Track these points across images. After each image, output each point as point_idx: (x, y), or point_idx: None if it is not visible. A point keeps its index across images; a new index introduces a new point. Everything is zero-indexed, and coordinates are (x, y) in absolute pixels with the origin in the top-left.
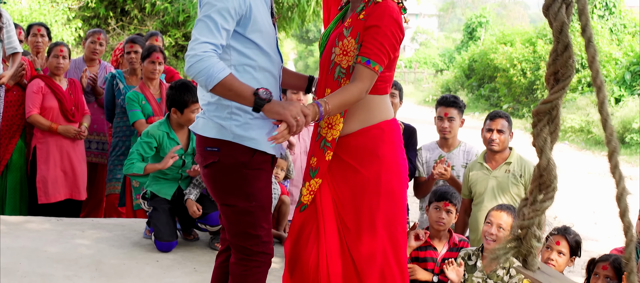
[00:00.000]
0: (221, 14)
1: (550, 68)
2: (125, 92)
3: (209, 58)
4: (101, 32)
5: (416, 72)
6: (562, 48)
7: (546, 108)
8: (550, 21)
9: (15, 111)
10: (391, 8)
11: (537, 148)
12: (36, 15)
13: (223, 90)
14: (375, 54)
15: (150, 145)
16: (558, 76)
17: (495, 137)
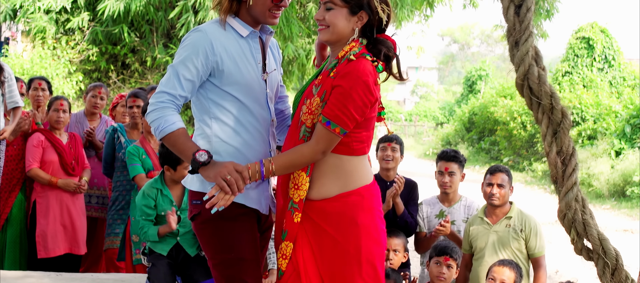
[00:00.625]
0: (184, 64)
1: (552, 147)
2: (126, 146)
3: (162, 109)
4: (102, 86)
5: (416, 125)
6: (558, 117)
7: (572, 196)
8: (533, 94)
9: (15, 165)
10: (362, 69)
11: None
12: (37, 68)
13: (169, 144)
14: (337, 115)
15: (149, 206)
16: (563, 156)
17: (495, 192)
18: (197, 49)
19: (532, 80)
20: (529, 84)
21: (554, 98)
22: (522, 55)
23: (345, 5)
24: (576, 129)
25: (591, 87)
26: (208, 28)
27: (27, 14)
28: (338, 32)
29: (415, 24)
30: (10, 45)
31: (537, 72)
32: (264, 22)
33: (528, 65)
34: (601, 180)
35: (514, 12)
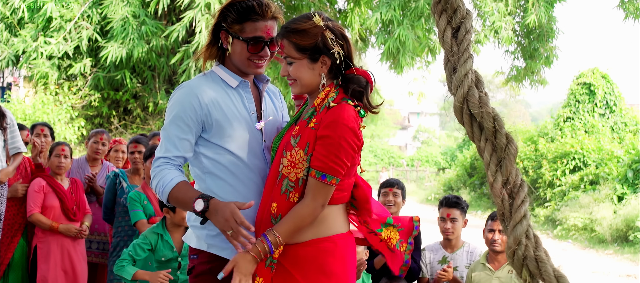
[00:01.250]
0: (174, 123)
1: (497, 178)
2: (128, 192)
3: (159, 173)
4: (104, 132)
5: (418, 171)
6: (502, 141)
7: (521, 231)
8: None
9: (17, 210)
10: (345, 115)
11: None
12: (40, 113)
13: (175, 202)
14: (330, 167)
15: (144, 248)
16: (510, 187)
17: (497, 238)
18: (184, 105)
19: (472, 103)
20: (469, 107)
21: (497, 121)
22: (461, 77)
23: (303, 55)
24: (578, 174)
25: (593, 132)
26: (193, 82)
27: (29, 59)
28: (306, 83)
29: (416, 69)
30: (12, 90)
31: (477, 95)
32: (247, 72)
33: (467, 88)
34: (604, 225)
35: (452, 35)
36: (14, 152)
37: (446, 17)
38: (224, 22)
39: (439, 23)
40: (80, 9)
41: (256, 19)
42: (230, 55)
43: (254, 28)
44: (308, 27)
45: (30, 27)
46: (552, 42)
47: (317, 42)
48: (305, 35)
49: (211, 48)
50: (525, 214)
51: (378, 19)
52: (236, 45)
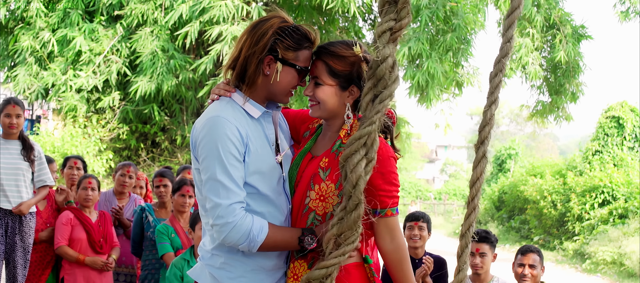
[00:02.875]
0: (230, 162)
1: (333, 229)
2: (155, 225)
3: (242, 221)
4: (131, 165)
5: (446, 204)
6: (352, 206)
7: (320, 274)
8: (346, 173)
9: (49, 244)
10: (384, 147)
11: None
12: (68, 146)
13: (270, 247)
14: (397, 197)
15: (177, 275)
16: (340, 240)
17: (527, 272)
18: (231, 139)
19: (350, 165)
20: (346, 166)
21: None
22: (354, 139)
23: (334, 81)
24: (607, 208)
25: (622, 165)
26: (223, 113)
27: (58, 93)
28: (329, 109)
29: (443, 101)
30: (41, 123)
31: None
32: (280, 101)
33: (354, 150)
34: (633, 259)
35: (371, 99)
36: (39, 185)
37: (372, 82)
38: (274, 46)
39: (367, 84)
40: (110, 43)
41: (309, 48)
42: (269, 83)
43: (307, 57)
44: (348, 54)
45: (60, 61)
46: (579, 78)
47: (352, 71)
48: (343, 62)
49: (257, 76)
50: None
51: (405, 54)
52: (288, 74)
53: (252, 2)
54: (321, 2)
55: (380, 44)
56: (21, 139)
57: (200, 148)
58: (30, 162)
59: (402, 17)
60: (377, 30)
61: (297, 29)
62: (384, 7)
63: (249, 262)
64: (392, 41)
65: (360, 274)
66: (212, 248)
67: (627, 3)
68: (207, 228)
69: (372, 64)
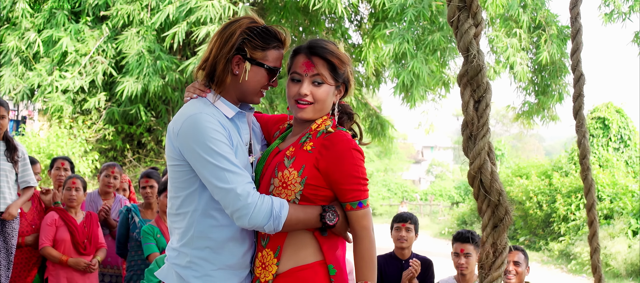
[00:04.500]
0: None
1: (489, 239)
2: (141, 226)
3: (261, 201)
4: (115, 165)
5: (432, 205)
6: (502, 213)
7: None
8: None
9: (34, 245)
10: (347, 139)
11: None
12: (54, 147)
13: (293, 226)
14: (362, 190)
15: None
16: (496, 247)
17: (511, 269)
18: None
19: (485, 176)
20: (481, 178)
21: (502, 196)
22: (479, 150)
23: (335, 81)
24: None
25: (607, 166)
26: (205, 110)
27: (44, 93)
28: (323, 108)
29: (428, 102)
30: (27, 124)
31: (490, 168)
32: (250, 101)
33: (482, 161)
34: (618, 259)
35: (474, 107)
36: (24, 186)
37: (470, 90)
38: (242, 46)
39: (464, 94)
40: (96, 43)
41: (279, 48)
42: (240, 82)
43: (276, 57)
44: (344, 55)
45: (46, 62)
46: (565, 79)
47: (346, 71)
48: (342, 62)
49: (225, 75)
50: (500, 274)
51: (391, 51)
52: (256, 73)
53: (239, 3)
54: (307, 3)
55: (473, 51)
56: (5, 139)
57: (187, 150)
58: (14, 163)
59: (479, 21)
60: (464, 41)
61: (265, 29)
62: (456, 15)
63: (215, 261)
64: (478, 45)
65: (319, 274)
66: (180, 245)
67: (611, 5)
68: (175, 226)
69: (469, 71)
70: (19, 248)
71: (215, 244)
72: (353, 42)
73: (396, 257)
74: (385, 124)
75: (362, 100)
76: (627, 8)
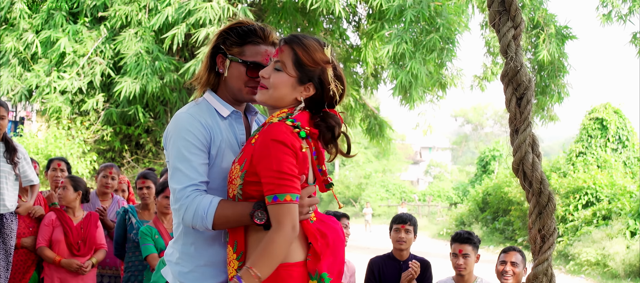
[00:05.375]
0: (190, 150)
1: (535, 225)
2: (138, 227)
3: (192, 201)
4: (113, 166)
5: (430, 206)
6: (544, 200)
7: (542, 269)
8: (527, 175)
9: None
10: (275, 130)
11: None
12: (52, 148)
13: (223, 225)
14: (278, 184)
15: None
16: (544, 232)
17: (508, 269)
18: (192, 131)
19: (527, 166)
20: (524, 169)
21: (543, 184)
22: (520, 143)
23: (295, 72)
24: (591, 209)
25: (605, 167)
26: (189, 110)
27: (42, 94)
28: (276, 97)
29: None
30: (25, 124)
31: (531, 159)
32: (242, 99)
33: (524, 152)
34: (617, 260)
35: (516, 103)
36: (27, 184)
37: (512, 88)
38: (222, 45)
39: (506, 92)
40: (94, 44)
41: (257, 43)
42: (226, 80)
43: (255, 51)
44: (317, 50)
45: (44, 62)
46: (564, 79)
47: (315, 70)
48: (310, 56)
49: (208, 74)
50: (548, 257)
51: (390, 51)
52: (234, 69)
53: (238, 4)
54: (305, 3)
55: (511, 52)
56: (4, 140)
57: (166, 147)
58: (13, 165)
59: (518, 23)
60: (503, 43)
61: (244, 26)
62: (497, 19)
63: (199, 257)
64: (518, 47)
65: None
66: (173, 242)
67: (609, 6)
68: (173, 223)
69: (508, 71)
70: (15, 249)
71: (200, 241)
72: (351, 43)
73: (394, 258)
74: (384, 124)
75: (360, 101)
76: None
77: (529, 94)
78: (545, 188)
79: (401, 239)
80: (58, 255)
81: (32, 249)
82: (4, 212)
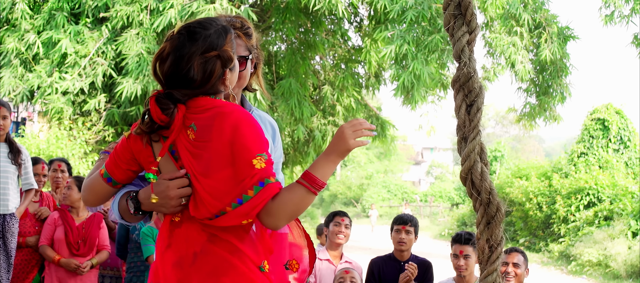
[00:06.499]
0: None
1: (483, 235)
2: (140, 227)
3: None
4: None
5: (431, 206)
6: (493, 210)
7: (492, 279)
8: (475, 184)
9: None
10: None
11: None
12: (54, 148)
13: (125, 217)
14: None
15: None
16: (491, 242)
17: (510, 270)
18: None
19: (475, 175)
20: (472, 178)
21: (492, 194)
22: (469, 151)
23: None
24: (592, 210)
25: (607, 167)
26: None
27: (44, 95)
28: None
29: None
30: (26, 125)
31: (480, 168)
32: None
33: (473, 161)
34: (618, 261)
35: (466, 110)
36: (26, 188)
37: (462, 94)
38: None
39: (456, 98)
40: (95, 45)
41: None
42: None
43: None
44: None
45: (45, 63)
46: (566, 79)
47: None
48: None
49: None
50: (497, 268)
51: (392, 52)
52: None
53: (241, 5)
54: (307, 4)
55: (465, 58)
56: (8, 141)
57: None
58: (18, 166)
59: (473, 28)
60: (457, 48)
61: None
62: (452, 22)
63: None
64: (471, 52)
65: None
66: None
67: (611, 6)
68: None
69: (461, 76)
70: (19, 248)
71: None
72: (353, 44)
73: (395, 258)
74: (386, 124)
75: (362, 102)
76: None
77: (479, 101)
78: (494, 198)
79: (402, 240)
80: (58, 254)
81: (36, 249)
82: (6, 213)
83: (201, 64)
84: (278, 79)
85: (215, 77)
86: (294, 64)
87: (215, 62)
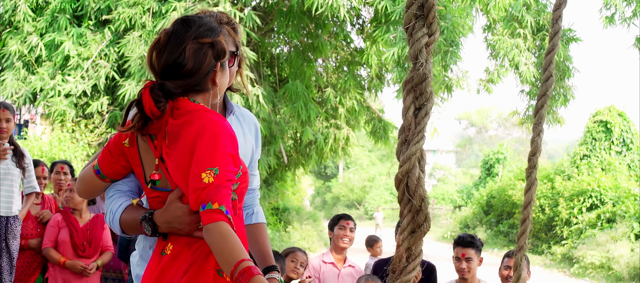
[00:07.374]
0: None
1: (404, 243)
2: None
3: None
4: None
5: (434, 208)
6: (422, 219)
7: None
8: (409, 189)
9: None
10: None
11: None
12: (56, 151)
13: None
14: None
15: None
16: (411, 252)
17: (512, 274)
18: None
19: (412, 181)
20: (408, 183)
21: (424, 203)
22: (410, 155)
23: None
24: (595, 212)
25: (609, 170)
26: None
27: (47, 97)
28: None
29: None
30: (29, 127)
31: (417, 174)
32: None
33: (412, 165)
34: (621, 263)
35: (413, 113)
36: (29, 192)
37: (413, 96)
38: None
39: (406, 99)
40: (98, 47)
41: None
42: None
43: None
44: None
45: (48, 65)
46: (569, 81)
47: None
48: None
49: None
50: (411, 279)
51: (395, 54)
52: None
53: (244, 8)
54: (310, 7)
55: (422, 59)
56: (12, 144)
57: None
58: (22, 169)
59: (433, 31)
60: (415, 49)
61: None
62: (412, 22)
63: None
64: (428, 55)
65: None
66: (136, 244)
67: (612, 8)
68: None
69: (414, 77)
70: (22, 251)
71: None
72: (355, 46)
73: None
74: (388, 126)
75: (364, 104)
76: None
77: (428, 105)
78: (425, 207)
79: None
80: (63, 257)
81: (39, 251)
82: (10, 215)
83: (194, 51)
84: (281, 81)
85: (206, 66)
86: (298, 66)
87: (208, 51)
